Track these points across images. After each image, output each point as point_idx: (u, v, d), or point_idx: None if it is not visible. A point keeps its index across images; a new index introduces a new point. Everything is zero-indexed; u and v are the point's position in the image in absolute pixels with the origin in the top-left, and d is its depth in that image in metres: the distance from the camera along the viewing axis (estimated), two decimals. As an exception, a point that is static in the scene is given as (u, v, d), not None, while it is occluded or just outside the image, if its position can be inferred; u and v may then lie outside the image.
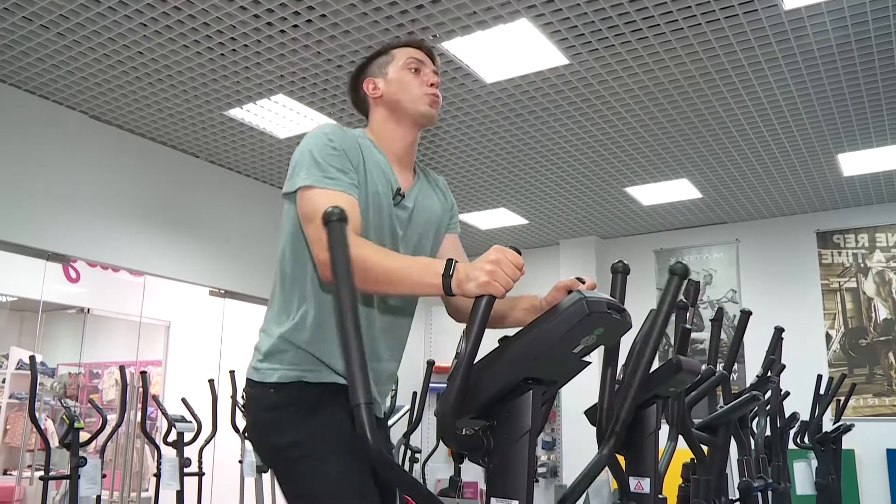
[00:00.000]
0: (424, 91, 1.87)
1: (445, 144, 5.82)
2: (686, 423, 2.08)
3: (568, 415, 8.02)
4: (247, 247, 6.53)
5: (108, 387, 7.32)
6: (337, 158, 1.70)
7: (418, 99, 1.87)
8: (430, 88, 1.89)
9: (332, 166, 1.68)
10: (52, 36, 4.32)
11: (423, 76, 1.90)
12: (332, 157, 1.69)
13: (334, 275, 1.10)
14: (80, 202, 5.33)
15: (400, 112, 1.88)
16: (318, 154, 1.69)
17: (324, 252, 1.52)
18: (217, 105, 5.22)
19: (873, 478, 6.68)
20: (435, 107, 1.89)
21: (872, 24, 4.06)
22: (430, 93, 1.88)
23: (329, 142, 1.72)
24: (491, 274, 1.28)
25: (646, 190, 6.87)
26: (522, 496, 1.24)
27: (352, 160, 1.73)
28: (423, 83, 1.89)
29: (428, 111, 1.87)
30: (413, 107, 1.87)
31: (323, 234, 1.51)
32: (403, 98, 1.87)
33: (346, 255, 1.11)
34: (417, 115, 1.87)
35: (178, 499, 4.85)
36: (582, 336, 1.26)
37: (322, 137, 1.73)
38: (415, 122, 1.89)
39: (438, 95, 1.90)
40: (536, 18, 4.04)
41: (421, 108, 1.87)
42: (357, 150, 1.77)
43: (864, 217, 7.20)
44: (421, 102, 1.87)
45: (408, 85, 1.88)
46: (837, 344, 7.11)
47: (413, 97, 1.87)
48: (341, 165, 1.69)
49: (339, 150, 1.71)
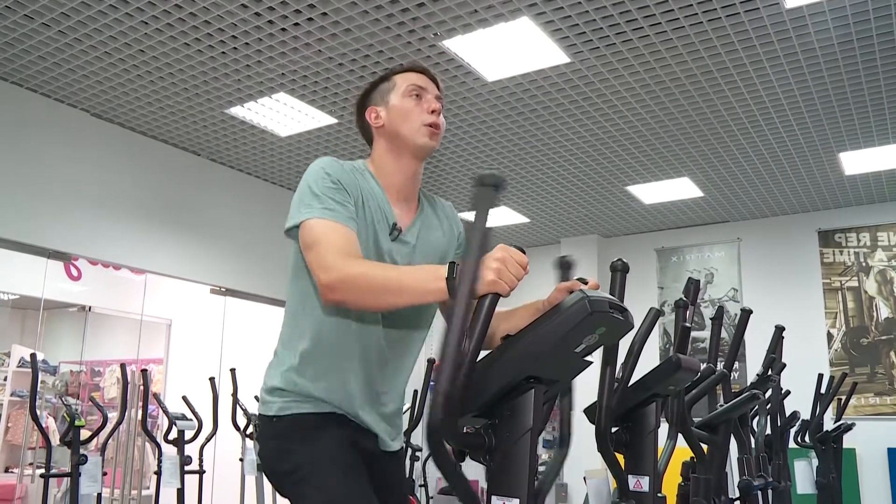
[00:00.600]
0: (424, 120, 1.82)
1: (447, 143, 5.82)
2: (686, 422, 2.08)
3: (569, 413, 8.00)
4: (248, 245, 6.53)
5: (110, 385, 7.32)
6: (335, 191, 1.70)
7: (417, 130, 1.82)
8: (431, 116, 1.83)
9: (330, 198, 1.68)
10: (52, 34, 4.32)
11: (425, 103, 1.85)
12: (330, 190, 1.69)
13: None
14: (81, 200, 5.33)
15: (400, 143, 1.84)
16: (317, 188, 1.69)
17: (325, 274, 1.56)
18: (218, 103, 5.22)
19: (874, 477, 6.67)
20: (435, 138, 1.84)
21: (874, 23, 4.05)
22: (430, 122, 1.82)
23: (327, 175, 1.72)
24: (497, 272, 1.28)
25: (647, 188, 6.87)
26: (523, 495, 1.24)
27: (350, 193, 1.73)
28: (424, 111, 1.84)
29: (426, 143, 1.83)
30: (412, 138, 1.82)
31: (324, 257, 1.57)
32: (403, 128, 1.83)
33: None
34: (415, 147, 1.83)
35: (178, 497, 4.86)
36: (584, 335, 1.26)
37: (320, 171, 1.73)
38: (413, 154, 1.85)
39: (439, 125, 1.85)
40: (538, 17, 4.03)
41: (419, 140, 1.82)
42: (355, 183, 1.77)
43: (865, 216, 7.19)
44: (420, 134, 1.82)
45: (408, 113, 1.83)
46: (839, 343, 7.11)
47: (413, 128, 1.82)
48: (340, 198, 1.70)
49: (336, 184, 1.71)
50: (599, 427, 1.55)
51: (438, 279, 1.40)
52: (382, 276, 1.52)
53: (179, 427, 4.95)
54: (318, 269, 1.58)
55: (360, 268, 1.55)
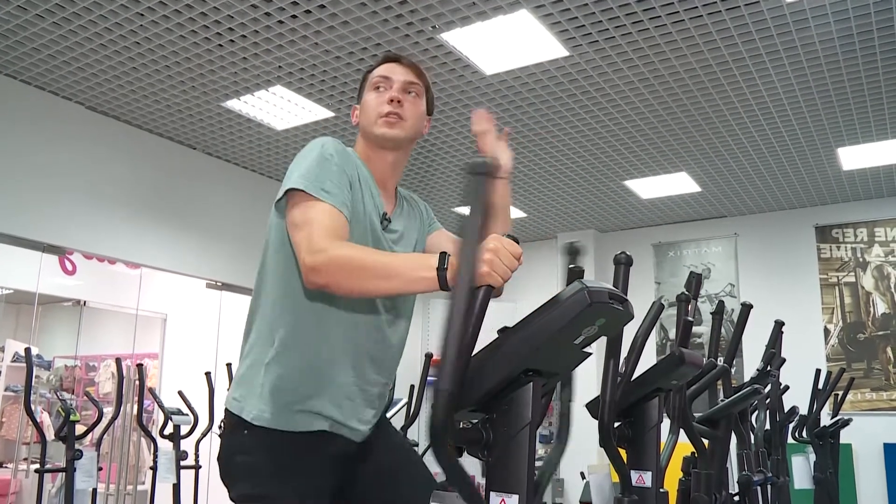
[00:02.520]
0: (380, 111, 1.79)
1: (444, 137, 5.80)
2: (687, 417, 2.06)
3: (565, 409, 7.99)
4: (244, 239, 6.50)
5: (105, 379, 7.30)
6: (335, 174, 1.66)
7: (374, 122, 1.80)
8: (387, 106, 1.79)
9: (329, 180, 1.64)
10: (47, 25, 4.28)
11: (385, 93, 1.81)
12: (331, 172, 1.65)
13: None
14: (76, 194, 5.30)
15: (368, 136, 1.84)
16: (318, 164, 1.65)
17: (311, 256, 1.50)
18: (215, 96, 5.19)
19: (870, 472, 6.68)
20: (394, 127, 1.79)
21: (875, 17, 4.04)
22: (385, 112, 1.79)
23: (330, 156, 1.68)
24: (489, 263, 1.25)
25: (645, 183, 6.85)
26: (522, 490, 1.22)
27: (350, 179, 1.70)
28: (383, 102, 1.80)
29: (383, 133, 1.79)
30: (370, 130, 1.81)
31: (314, 239, 1.51)
32: (366, 123, 1.83)
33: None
34: (375, 138, 1.81)
35: (174, 492, 4.84)
36: (583, 326, 1.23)
37: (323, 150, 1.69)
38: (379, 146, 1.83)
39: (400, 113, 1.80)
40: (537, 9, 4.01)
41: (377, 130, 1.80)
42: (354, 169, 1.74)
43: (863, 212, 7.19)
44: (376, 125, 1.79)
45: (368, 107, 1.82)
46: (836, 338, 7.11)
47: (370, 120, 1.81)
48: (338, 181, 1.65)
49: (338, 167, 1.67)
50: (603, 422, 1.53)
51: (429, 268, 1.37)
52: (371, 261, 1.47)
53: (175, 422, 4.94)
54: (305, 250, 1.53)
55: (349, 249, 1.50)
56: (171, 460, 4.80)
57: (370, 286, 1.48)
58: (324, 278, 1.49)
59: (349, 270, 1.47)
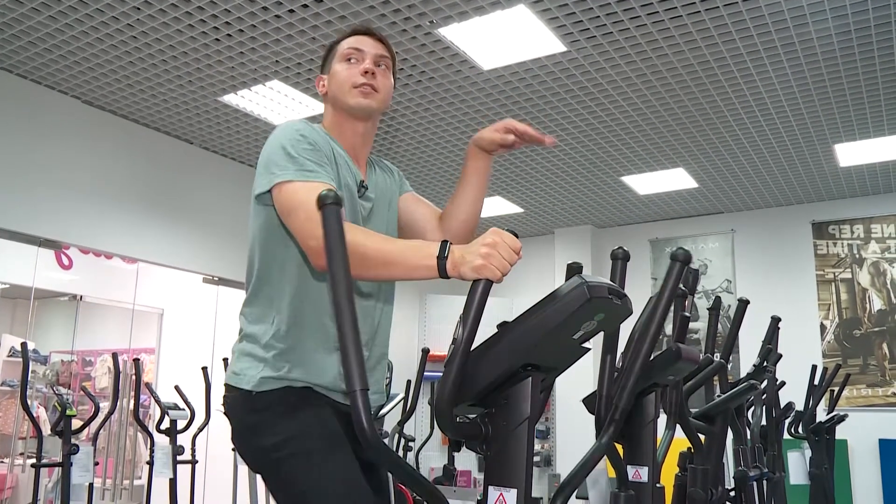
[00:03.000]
0: (354, 82, 1.80)
1: (441, 132, 5.79)
2: (684, 412, 2.07)
3: (562, 403, 8.02)
4: (240, 234, 6.47)
5: (101, 374, 7.28)
6: (312, 152, 1.66)
7: (348, 92, 1.81)
8: (362, 77, 1.80)
9: (308, 160, 1.64)
10: (43, 19, 4.27)
11: (358, 65, 1.83)
12: (307, 152, 1.66)
13: (330, 259, 1.07)
14: (72, 189, 5.29)
15: (339, 107, 1.84)
16: (292, 149, 1.65)
17: (313, 240, 1.51)
18: (211, 91, 5.18)
19: (865, 467, 6.70)
20: (369, 97, 1.81)
21: (872, 14, 4.04)
22: (360, 83, 1.80)
23: (302, 137, 1.68)
24: (487, 257, 1.25)
25: (642, 179, 6.85)
26: (521, 484, 1.22)
27: (326, 154, 1.71)
28: (357, 73, 1.81)
29: (357, 103, 1.81)
30: (344, 100, 1.82)
31: (312, 222, 1.50)
32: (338, 93, 1.83)
33: (342, 240, 1.08)
34: (349, 108, 1.82)
35: (170, 487, 4.84)
36: (582, 321, 1.23)
37: (293, 133, 1.69)
38: (352, 116, 1.84)
39: (374, 84, 1.81)
40: (534, 5, 4.00)
41: (351, 100, 1.81)
42: (328, 144, 1.75)
43: (859, 208, 7.20)
44: (351, 95, 1.81)
45: (341, 77, 1.83)
46: (832, 334, 7.12)
47: (343, 90, 1.82)
48: (317, 159, 1.66)
49: (312, 145, 1.68)
50: (599, 417, 1.53)
51: (430, 256, 1.37)
52: (373, 248, 1.47)
53: (171, 417, 4.93)
54: (307, 235, 1.54)
55: (352, 234, 1.47)
56: (167, 455, 4.80)
57: (371, 272, 1.50)
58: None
59: (355, 257, 1.44)
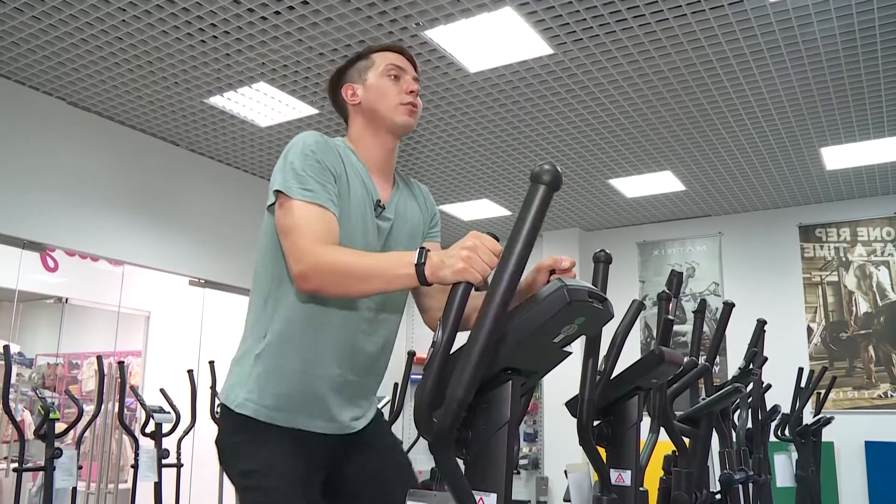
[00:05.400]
0: (402, 100, 1.84)
1: (428, 134, 5.78)
2: (668, 415, 2.07)
3: (550, 406, 8.02)
4: (227, 236, 6.47)
5: (88, 377, 7.23)
6: (317, 170, 1.67)
7: (395, 108, 1.83)
8: (409, 97, 1.85)
9: (311, 178, 1.64)
10: (27, 19, 4.24)
11: (403, 83, 1.86)
12: (313, 169, 1.66)
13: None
14: (57, 190, 5.25)
15: (378, 121, 1.85)
16: (299, 165, 1.66)
17: (297, 264, 1.54)
18: (198, 92, 5.15)
19: (852, 470, 6.72)
20: (413, 116, 1.86)
21: (857, 18, 4.05)
22: (409, 101, 1.84)
23: (311, 153, 1.68)
24: (467, 260, 1.26)
25: (629, 182, 6.86)
26: (501, 489, 1.21)
27: (334, 172, 1.70)
28: (402, 91, 1.85)
29: (405, 121, 1.84)
30: (390, 116, 1.83)
31: (299, 246, 1.55)
32: (381, 107, 1.84)
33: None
34: (394, 125, 1.84)
35: (155, 490, 4.81)
36: (562, 325, 1.23)
37: (304, 148, 1.69)
38: (391, 132, 1.86)
39: (417, 105, 1.87)
40: (521, 7, 4.00)
41: (398, 118, 1.83)
42: (338, 160, 1.74)
43: (846, 211, 7.23)
44: (398, 112, 1.83)
45: (386, 93, 1.84)
46: (818, 337, 7.15)
47: (390, 106, 1.83)
48: (321, 178, 1.66)
49: (319, 163, 1.68)
50: (581, 420, 1.53)
51: (408, 265, 1.38)
52: (353, 264, 1.49)
53: (157, 420, 4.91)
54: (292, 258, 1.57)
55: (333, 255, 1.52)
56: (152, 458, 4.77)
57: (354, 288, 1.52)
58: (312, 284, 1.53)
59: (334, 276, 1.50)
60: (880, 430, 6.70)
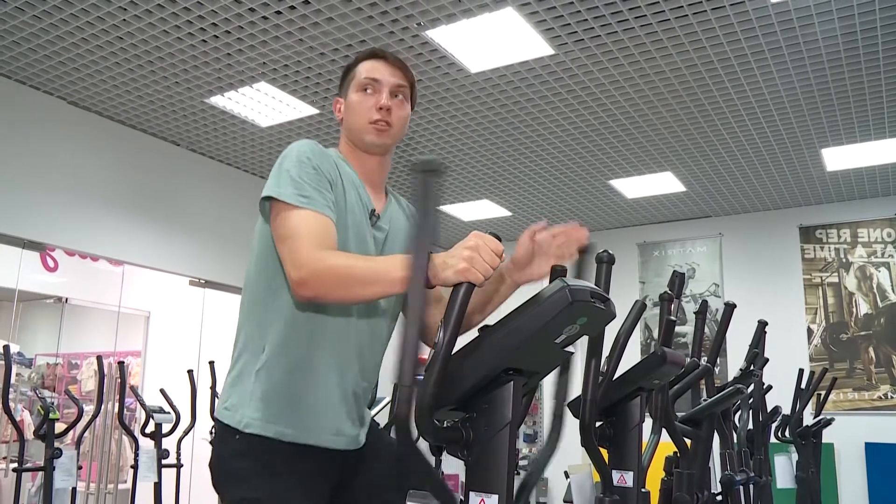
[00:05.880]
0: (370, 117, 1.76)
1: (429, 135, 5.78)
2: (670, 417, 2.06)
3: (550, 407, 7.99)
4: (227, 236, 6.46)
5: (88, 377, 7.23)
6: (313, 177, 1.64)
7: (363, 127, 1.77)
8: (378, 114, 1.76)
9: (307, 184, 1.62)
10: (28, 18, 4.23)
11: (374, 97, 1.78)
12: (309, 176, 1.63)
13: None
14: (58, 190, 5.25)
15: (353, 137, 1.81)
16: (295, 172, 1.63)
17: (296, 271, 1.50)
18: (198, 92, 5.15)
19: (852, 471, 6.72)
20: (382, 136, 1.77)
21: (858, 19, 4.05)
22: (376, 119, 1.76)
23: (307, 160, 1.65)
24: (469, 260, 1.25)
25: (630, 183, 6.86)
26: (502, 490, 1.21)
27: (330, 179, 1.68)
28: (372, 107, 1.77)
29: (373, 141, 1.78)
30: (359, 136, 1.79)
31: (297, 253, 1.52)
32: (353, 125, 1.80)
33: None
34: (363, 144, 1.80)
35: (155, 490, 4.80)
36: (565, 325, 1.22)
37: (299, 155, 1.66)
38: (366, 151, 1.81)
39: (390, 121, 1.77)
40: (522, 7, 4.00)
41: (365, 137, 1.78)
42: (334, 168, 1.72)
43: (846, 212, 7.23)
44: (366, 131, 1.77)
45: (356, 109, 1.79)
46: (818, 338, 7.14)
47: (361, 125, 1.78)
48: (317, 185, 1.63)
49: (316, 169, 1.65)
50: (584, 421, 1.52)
51: (403, 269, 1.36)
52: (353, 267, 1.47)
53: (157, 420, 4.90)
54: (290, 265, 1.53)
55: (332, 259, 1.50)
56: (152, 459, 4.76)
57: (354, 294, 1.49)
58: (311, 291, 1.50)
59: (333, 281, 1.48)
60: (880, 432, 6.70)
